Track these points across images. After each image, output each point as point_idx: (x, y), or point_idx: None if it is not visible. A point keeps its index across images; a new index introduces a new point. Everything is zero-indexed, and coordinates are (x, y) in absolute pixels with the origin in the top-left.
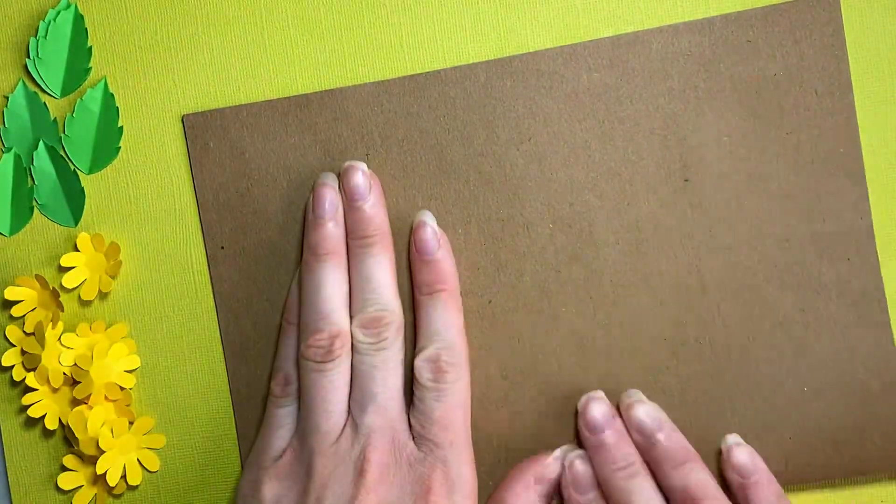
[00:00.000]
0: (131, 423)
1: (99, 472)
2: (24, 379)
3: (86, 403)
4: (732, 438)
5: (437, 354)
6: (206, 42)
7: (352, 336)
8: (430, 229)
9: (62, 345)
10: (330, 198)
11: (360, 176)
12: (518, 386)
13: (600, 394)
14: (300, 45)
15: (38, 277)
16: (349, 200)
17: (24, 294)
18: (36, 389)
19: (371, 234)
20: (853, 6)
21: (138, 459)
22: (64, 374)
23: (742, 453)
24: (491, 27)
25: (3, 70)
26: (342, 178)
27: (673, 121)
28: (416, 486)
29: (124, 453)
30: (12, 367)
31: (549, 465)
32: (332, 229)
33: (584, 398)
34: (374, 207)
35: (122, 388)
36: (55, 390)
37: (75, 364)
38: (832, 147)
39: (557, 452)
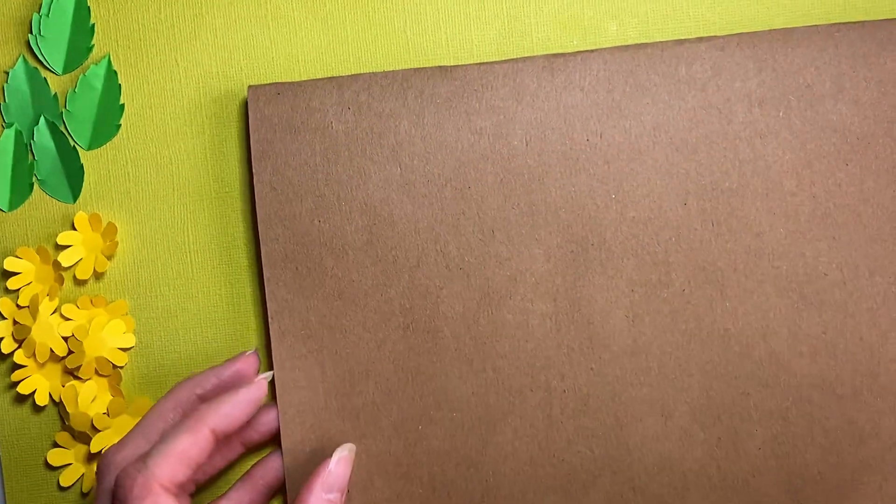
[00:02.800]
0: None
1: (93, 450)
2: (13, 354)
3: (77, 376)
4: None
5: None
6: (210, 22)
7: None
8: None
9: (62, 315)
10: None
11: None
12: None
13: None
14: (304, 28)
15: (40, 250)
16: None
17: (22, 266)
18: (24, 366)
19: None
20: None
21: None
22: (52, 349)
23: None
24: (494, 15)
25: (4, 45)
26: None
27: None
28: None
29: (120, 434)
30: (1, 339)
31: (331, 471)
32: None
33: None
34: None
35: (114, 367)
36: (42, 365)
37: (72, 335)
38: None
39: (335, 454)
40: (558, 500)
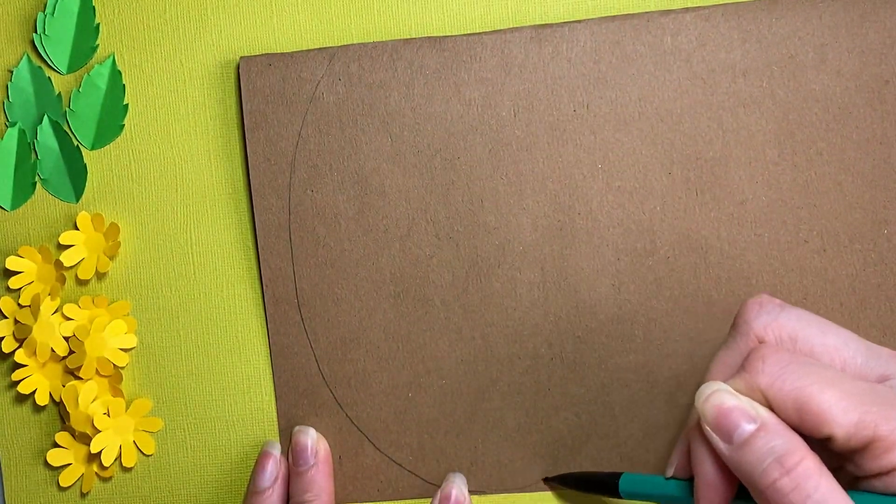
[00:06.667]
0: (128, 404)
1: (93, 451)
2: (14, 353)
3: (77, 376)
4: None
5: None
6: (215, 23)
7: None
8: (310, 441)
9: (63, 315)
10: (270, 468)
11: (308, 441)
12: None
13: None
14: (308, 30)
15: (42, 249)
16: (293, 464)
17: (24, 266)
18: (25, 365)
19: (311, 499)
20: None
21: (135, 442)
22: (52, 349)
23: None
24: None
25: (9, 43)
26: (291, 439)
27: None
28: None
29: (120, 434)
30: (2, 338)
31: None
32: (268, 498)
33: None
34: (317, 472)
35: (115, 367)
36: (43, 364)
37: (73, 335)
38: None
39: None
40: (546, 467)
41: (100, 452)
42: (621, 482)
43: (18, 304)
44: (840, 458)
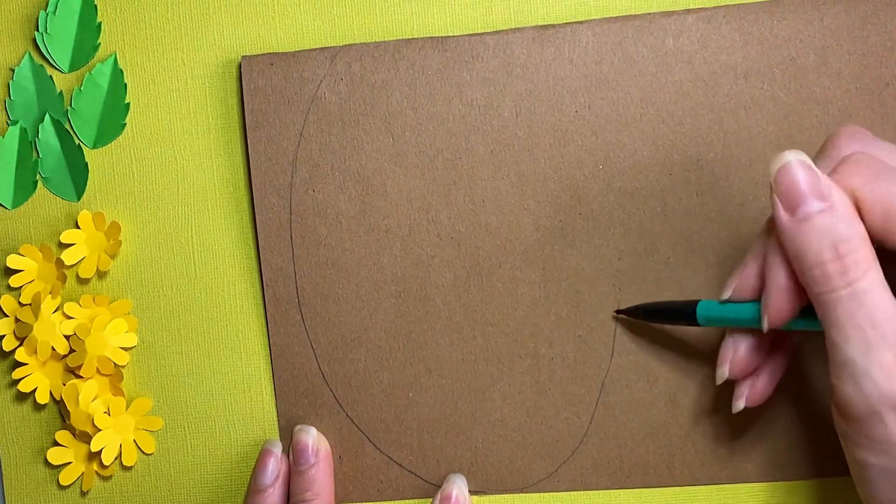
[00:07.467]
0: (128, 403)
1: (94, 449)
2: (14, 351)
3: (78, 375)
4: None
5: None
6: (217, 22)
7: None
8: (311, 439)
9: (64, 314)
10: (272, 466)
11: (309, 440)
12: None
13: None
14: (311, 29)
15: (43, 248)
16: (294, 462)
17: (25, 264)
18: (25, 364)
19: (311, 497)
20: None
21: (135, 440)
22: (53, 348)
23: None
24: None
25: (10, 42)
26: (292, 438)
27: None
28: None
29: (121, 433)
30: (3, 337)
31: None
32: (269, 497)
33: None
34: (318, 471)
35: (115, 366)
36: (43, 363)
37: (74, 334)
38: None
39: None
40: (546, 467)
41: (100, 451)
42: (699, 308)
43: (19, 303)
44: None
